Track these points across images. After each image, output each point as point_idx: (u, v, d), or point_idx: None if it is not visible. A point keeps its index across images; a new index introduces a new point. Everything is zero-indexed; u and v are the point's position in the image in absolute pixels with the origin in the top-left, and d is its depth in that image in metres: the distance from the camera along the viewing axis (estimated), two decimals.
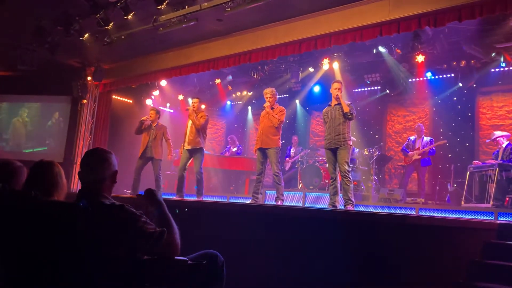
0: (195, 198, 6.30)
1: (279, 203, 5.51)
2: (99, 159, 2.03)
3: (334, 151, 5.22)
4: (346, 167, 5.04)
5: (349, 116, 5.19)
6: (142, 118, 7.02)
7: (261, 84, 9.83)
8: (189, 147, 6.34)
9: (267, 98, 5.80)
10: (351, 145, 5.21)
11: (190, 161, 6.45)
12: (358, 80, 9.01)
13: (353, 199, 5.00)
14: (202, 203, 5.18)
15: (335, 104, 5.34)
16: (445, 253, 3.25)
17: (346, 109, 5.20)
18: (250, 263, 3.76)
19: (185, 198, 6.26)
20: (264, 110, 5.85)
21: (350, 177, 5.04)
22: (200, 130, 6.37)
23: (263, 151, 5.66)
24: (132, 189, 6.85)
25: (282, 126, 5.80)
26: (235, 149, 9.57)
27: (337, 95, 5.32)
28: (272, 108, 5.78)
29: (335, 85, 5.44)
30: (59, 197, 2.19)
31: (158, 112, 7.13)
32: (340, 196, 5.20)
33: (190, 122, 6.47)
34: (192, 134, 6.33)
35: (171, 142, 7.09)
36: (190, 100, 11.22)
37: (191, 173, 7.58)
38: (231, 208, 4.64)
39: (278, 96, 5.92)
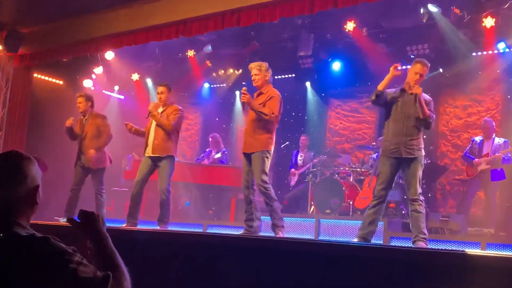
0: (156, 228, 6.27)
1: (280, 234, 5.52)
2: (11, 168, 2.01)
3: (400, 162, 5.30)
4: (419, 188, 5.18)
5: (426, 125, 5.28)
6: (68, 122, 7.04)
7: (255, 59, 9.80)
8: (154, 155, 6.37)
9: (253, 76, 5.81)
10: (424, 154, 5.34)
11: (152, 173, 6.48)
12: (397, 54, 9.03)
13: (426, 232, 5.10)
14: (167, 234, 5.16)
15: (412, 93, 5.33)
16: None
17: (425, 114, 5.23)
18: None
19: (141, 227, 6.21)
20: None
21: (423, 201, 5.17)
22: (172, 132, 6.40)
23: (248, 157, 5.71)
24: (66, 213, 6.85)
25: (278, 119, 5.77)
26: (218, 155, 9.55)
27: (415, 86, 5.26)
28: (260, 93, 5.75)
29: (417, 67, 5.40)
30: None
31: (88, 99, 7.21)
32: (379, 224, 5.33)
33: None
34: (159, 137, 6.36)
35: (106, 137, 7.10)
36: (149, 83, 11.37)
37: (150, 190, 7.55)
38: (210, 242, 4.64)
39: (271, 75, 5.88)
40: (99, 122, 7.14)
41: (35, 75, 9.91)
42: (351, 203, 7.79)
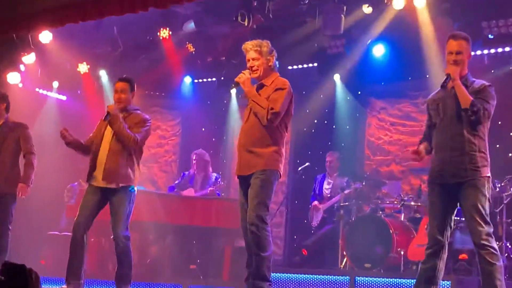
0: None
1: None
2: None
3: (450, 191, 5.29)
4: (485, 227, 5.10)
5: (471, 116, 5.24)
6: None
7: (258, 39, 9.86)
8: (106, 184, 6.40)
9: (249, 61, 5.78)
10: (488, 176, 5.24)
11: (100, 210, 6.51)
12: (468, 32, 8.95)
13: None
14: None
15: (453, 87, 5.37)
16: None
17: (465, 102, 5.22)
18: None
19: None
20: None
21: (496, 247, 5.11)
22: (133, 151, 6.47)
23: (245, 182, 5.68)
24: None
25: (286, 123, 5.75)
26: (207, 186, 9.52)
27: (450, 68, 5.35)
28: (262, 86, 5.72)
29: (449, 44, 5.51)
30: None
31: (2, 100, 7.36)
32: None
33: (110, 133, 6.51)
34: (113, 159, 6.40)
35: (34, 159, 7.25)
36: (103, 77, 11.32)
37: (104, 236, 7.54)
38: None
39: (276, 59, 5.86)
40: (19, 133, 7.23)
41: None
42: (402, 253, 7.78)
